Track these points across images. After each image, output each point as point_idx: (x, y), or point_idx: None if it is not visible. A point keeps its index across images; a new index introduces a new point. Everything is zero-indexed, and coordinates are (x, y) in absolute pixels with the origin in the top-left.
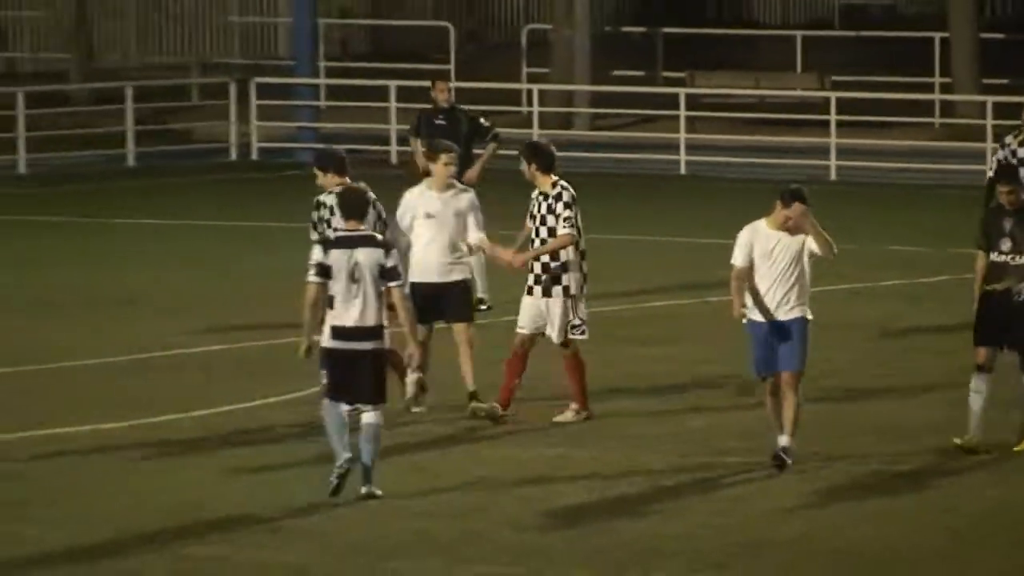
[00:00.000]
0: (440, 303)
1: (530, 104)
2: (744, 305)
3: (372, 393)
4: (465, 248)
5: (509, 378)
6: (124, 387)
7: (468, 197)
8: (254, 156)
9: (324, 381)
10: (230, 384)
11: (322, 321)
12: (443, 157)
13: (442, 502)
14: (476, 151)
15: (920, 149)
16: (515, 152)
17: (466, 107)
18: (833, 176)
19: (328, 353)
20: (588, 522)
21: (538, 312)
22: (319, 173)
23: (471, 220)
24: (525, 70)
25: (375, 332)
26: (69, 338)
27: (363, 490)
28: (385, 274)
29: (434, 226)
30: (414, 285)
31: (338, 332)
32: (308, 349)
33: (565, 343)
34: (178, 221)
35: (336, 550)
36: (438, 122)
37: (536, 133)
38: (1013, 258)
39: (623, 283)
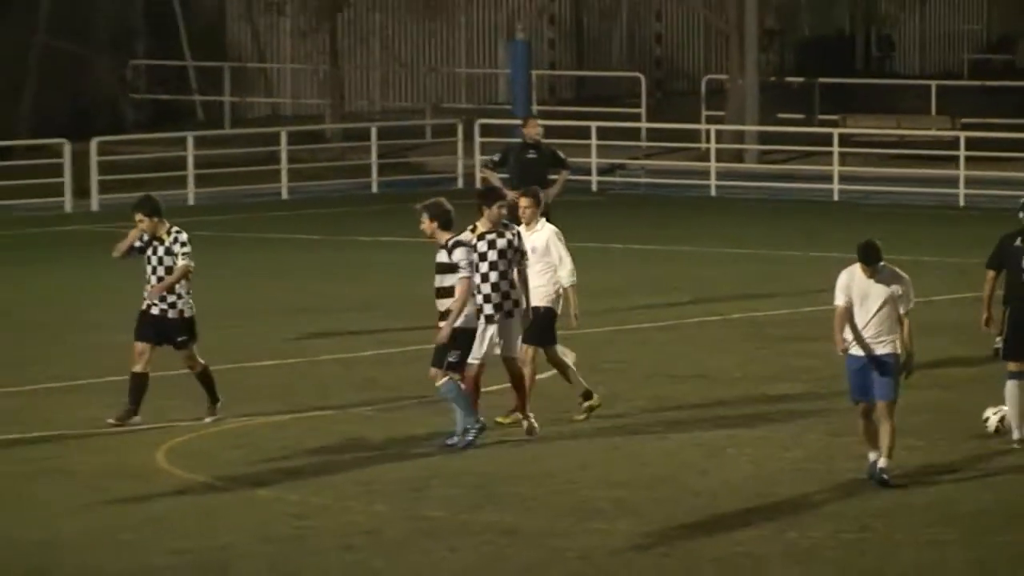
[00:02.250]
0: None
1: (708, 141)
2: (845, 340)
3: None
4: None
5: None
6: (371, 377)
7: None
8: (477, 184)
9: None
10: None
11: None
12: (522, 200)
13: (635, 475)
14: (552, 176)
15: None
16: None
17: (546, 142)
18: (961, 203)
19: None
20: (752, 488)
21: (491, 340)
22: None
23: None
24: (704, 113)
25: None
26: (318, 336)
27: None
28: (448, 269)
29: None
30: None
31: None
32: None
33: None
34: (413, 239)
35: (543, 512)
36: (529, 156)
37: (713, 166)
38: None
39: (785, 291)
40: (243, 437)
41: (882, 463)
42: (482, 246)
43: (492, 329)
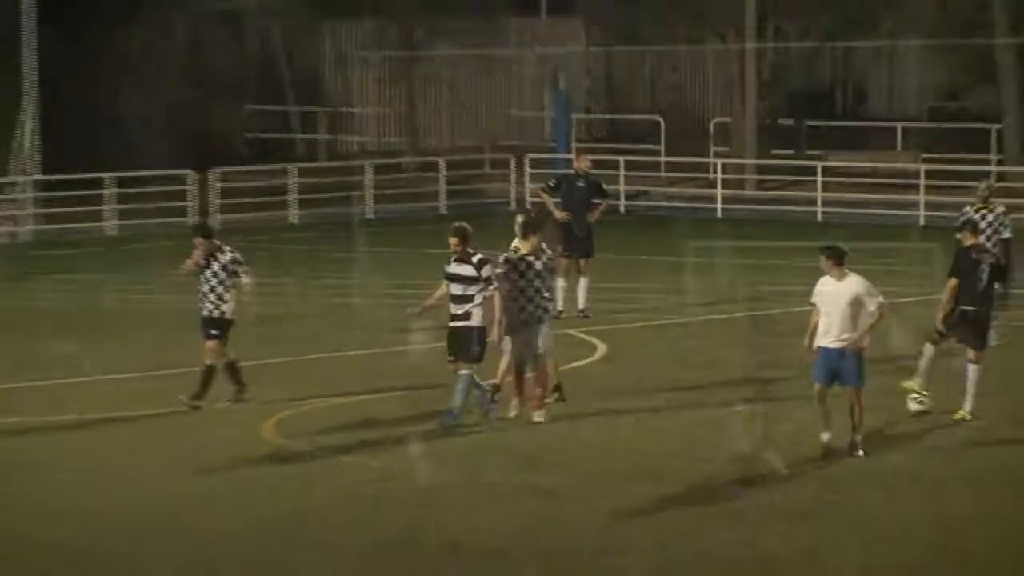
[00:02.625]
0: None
1: (715, 172)
2: (810, 349)
3: (466, 357)
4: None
5: (522, 391)
6: (442, 365)
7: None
8: (527, 205)
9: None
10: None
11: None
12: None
13: (655, 446)
14: (595, 202)
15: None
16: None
17: (593, 174)
18: (922, 222)
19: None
20: (751, 457)
21: (524, 342)
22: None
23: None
24: (712, 149)
25: (467, 315)
26: (397, 331)
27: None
28: (483, 281)
29: None
30: None
31: (452, 317)
32: (420, 313)
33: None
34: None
35: (578, 477)
36: (578, 184)
37: (719, 192)
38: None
39: (779, 295)
40: (333, 413)
41: (855, 438)
42: (522, 266)
43: (524, 333)
